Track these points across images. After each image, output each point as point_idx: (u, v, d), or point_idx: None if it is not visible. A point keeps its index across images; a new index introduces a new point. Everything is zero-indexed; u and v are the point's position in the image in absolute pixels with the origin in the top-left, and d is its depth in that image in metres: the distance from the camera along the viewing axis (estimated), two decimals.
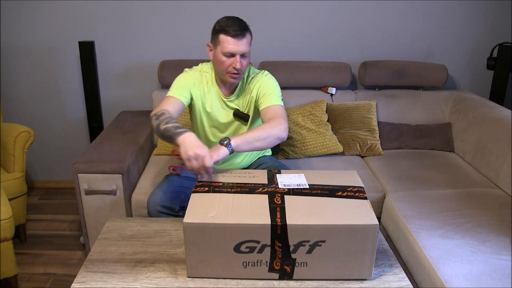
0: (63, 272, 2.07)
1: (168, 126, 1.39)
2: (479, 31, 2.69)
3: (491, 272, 1.38)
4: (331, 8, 2.59)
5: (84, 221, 1.98)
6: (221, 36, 1.54)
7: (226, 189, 1.22)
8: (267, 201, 1.15)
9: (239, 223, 1.06)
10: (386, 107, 2.54)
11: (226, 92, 1.71)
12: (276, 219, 1.07)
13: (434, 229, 1.62)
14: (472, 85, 2.82)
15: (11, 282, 1.89)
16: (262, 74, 1.71)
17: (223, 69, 1.58)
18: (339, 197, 1.17)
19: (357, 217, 1.08)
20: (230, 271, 1.12)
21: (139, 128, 2.36)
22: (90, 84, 2.51)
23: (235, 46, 1.53)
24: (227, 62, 1.56)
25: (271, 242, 1.07)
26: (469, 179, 2.10)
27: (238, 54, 1.55)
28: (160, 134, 1.43)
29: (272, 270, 1.11)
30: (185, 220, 1.07)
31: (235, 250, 1.09)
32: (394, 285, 1.14)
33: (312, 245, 1.07)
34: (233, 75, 1.59)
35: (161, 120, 1.43)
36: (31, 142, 2.23)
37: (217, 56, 1.58)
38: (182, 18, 2.58)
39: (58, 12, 2.55)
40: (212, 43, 1.61)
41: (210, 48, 1.64)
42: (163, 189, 1.69)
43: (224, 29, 1.53)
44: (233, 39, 1.53)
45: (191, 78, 1.69)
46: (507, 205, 1.82)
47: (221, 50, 1.55)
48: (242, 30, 1.54)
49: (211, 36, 1.61)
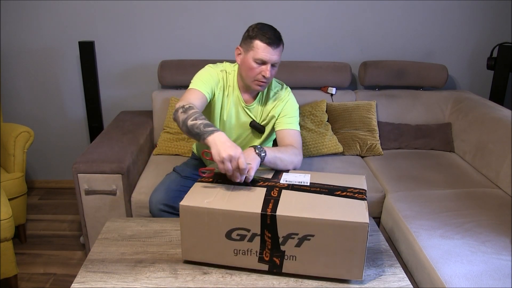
0: (63, 272, 2.07)
1: (197, 123, 1.31)
2: (479, 31, 2.69)
3: (491, 272, 1.38)
4: (331, 8, 2.59)
5: (84, 221, 1.98)
6: (256, 42, 1.50)
7: (228, 181, 1.25)
8: (264, 193, 1.18)
9: (231, 209, 1.10)
10: (386, 107, 2.54)
11: (247, 98, 1.68)
12: (267, 209, 1.09)
13: (434, 229, 1.62)
14: (472, 85, 2.82)
15: (11, 282, 1.89)
16: (286, 91, 1.70)
17: (251, 75, 1.55)
18: (337, 196, 1.17)
19: (348, 214, 1.07)
20: (221, 258, 1.15)
21: (139, 128, 2.36)
22: (90, 84, 2.51)
23: (269, 54, 1.51)
24: (257, 69, 1.53)
25: (261, 231, 1.09)
26: (469, 179, 2.10)
27: (269, 62, 1.52)
28: (186, 129, 1.34)
29: (261, 261, 1.13)
30: (181, 203, 1.12)
31: (226, 237, 1.12)
32: (394, 285, 1.14)
33: (301, 239, 1.08)
34: (261, 83, 1.56)
35: (189, 114, 1.34)
36: (31, 142, 2.23)
37: (247, 62, 1.54)
38: (182, 18, 2.58)
39: (58, 12, 2.55)
40: (243, 47, 1.56)
41: (239, 52, 1.59)
42: (165, 188, 1.69)
43: (260, 36, 1.50)
44: (268, 47, 1.50)
45: (217, 76, 1.62)
46: (507, 205, 1.82)
47: (253, 56, 1.52)
48: (278, 39, 1.52)
49: (243, 40, 1.57)
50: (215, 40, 2.63)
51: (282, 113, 1.66)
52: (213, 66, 1.66)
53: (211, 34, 2.62)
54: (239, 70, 1.63)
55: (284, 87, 1.72)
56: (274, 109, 1.67)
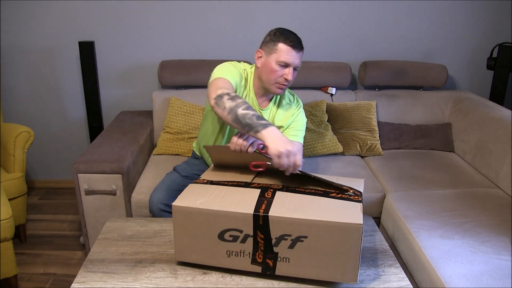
0: (63, 272, 2.07)
1: (249, 113, 1.27)
2: (479, 31, 2.69)
3: (491, 272, 1.38)
4: (331, 8, 2.59)
5: (84, 221, 1.98)
6: (280, 45, 1.53)
7: (223, 182, 1.25)
8: (257, 194, 1.17)
9: (223, 210, 1.09)
10: (386, 107, 2.54)
11: (261, 102, 1.68)
12: (259, 210, 1.08)
13: (434, 229, 1.62)
14: (472, 85, 2.82)
15: (11, 282, 1.89)
16: (297, 105, 1.74)
17: (272, 78, 1.56)
18: (331, 198, 1.16)
19: (342, 216, 1.05)
20: (215, 259, 1.14)
21: (139, 128, 2.36)
22: (90, 84, 2.51)
23: (292, 58, 1.53)
24: (279, 72, 1.55)
25: (254, 232, 1.09)
26: (469, 179, 2.10)
27: (292, 65, 1.55)
28: (233, 117, 1.29)
29: (254, 262, 1.12)
30: (174, 203, 1.13)
31: (219, 238, 1.11)
32: (394, 285, 1.14)
33: (294, 240, 1.07)
34: (281, 85, 1.58)
35: (239, 103, 1.30)
36: (31, 142, 2.23)
37: (269, 64, 1.55)
38: (182, 18, 2.58)
39: (58, 12, 2.55)
40: (265, 50, 1.57)
41: (260, 55, 1.60)
42: (165, 188, 1.69)
43: (283, 39, 1.52)
44: (291, 50, 1.52)
45: (241, 74, 1.61)
46: (507, 205, 1.82)
47: (276, 58, 1.53)
48: (300, 44, 1.56)
49: (265, 44, 1.58)
50: (215, 40, 2.63)
51: (290, 125, 1.70)
52: (235, 63, 1.65)
53: (211, 34, 2.62)
54: (256, 73, 1.64)
55: (295, 99, 1.76)
56: (284, 120, 1.70)
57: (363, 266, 1.21)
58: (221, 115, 1.33)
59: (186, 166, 1.87)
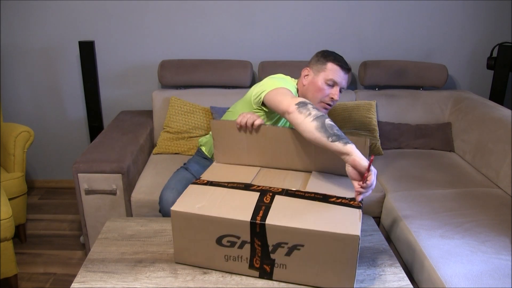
0: (63, 272, 2.07)
1: (335, 125, 1.24)
2: (479, 31, 2.69)
3: (491, 272, 1.38)
4: (331, 8, 2.59)
5: (84, 221, 1.98)
6: (330, 64, 1.58)
7: (223, 183, 1.25)
8: (256, 199, 1.16)
9: (221, 216, 1.09)
10: (386, 107, 2.54)
11: None
12: (257, 217, 1.08)
13: (434, 229, 1.62)
14: (472, 85, 2.82)
15: (11, 282, 1.89)
16: None
17: (319, 96, 1.59)
18: (331, 203, 1.15)
19: (339, 225, 1.04)
20: (212, 263, 1.15)
21: (139, 128, 2.36)
22: (90, 84, 2.51)
23: (340, 77, 1.58)
24: (326, 91, 1.58)
25: (251, 239, 1.08)
26: (469, 179, 2.10)
27: (340, 85, 1.58)
28: (319, 124, 1.22)
29: (252, 267, 1.12)
30: (173, 208, 1.13)
31: (217, 243, 1.12)
32: (394, 285, 1.14)
33: (291, 248, 1.06)
34: (326, 105, 1.60)
35: (323, 114, 1.27)
36: (31, 142, 2.23)
37: (317, 83, 1.58)
38: (182, 18, 2.58)
39: (58, 12, 2.55)
40: (314, 68, 1.61)
41: (307, 73, 1.63)
42: (176, 187, 1.67)
43: (333, 59, 1.58)
44: (340, 70, 1.58)
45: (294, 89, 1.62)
46: (507, 205, 1.82)
47: (325, 77, 1.57)
48: (348, 66, 1.61)
49: (314, 62, 1.62)
50: (215, 40, 2.63)
51: None
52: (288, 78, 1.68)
53: (211, 34, 2.62)
54: (302, 91, 1.65)
55: None
56: None
57: (363, 266, 1.21)
58: (300, 121, 1.27)
59: (199, 167, 1.82)
